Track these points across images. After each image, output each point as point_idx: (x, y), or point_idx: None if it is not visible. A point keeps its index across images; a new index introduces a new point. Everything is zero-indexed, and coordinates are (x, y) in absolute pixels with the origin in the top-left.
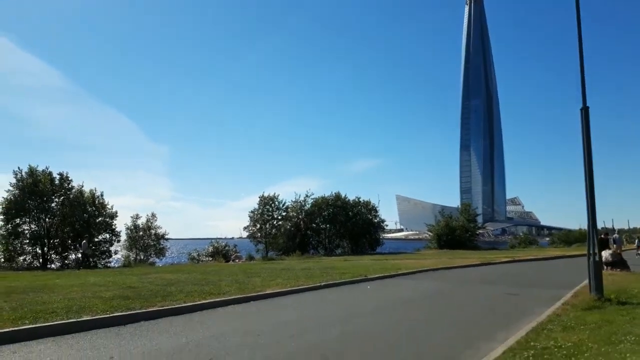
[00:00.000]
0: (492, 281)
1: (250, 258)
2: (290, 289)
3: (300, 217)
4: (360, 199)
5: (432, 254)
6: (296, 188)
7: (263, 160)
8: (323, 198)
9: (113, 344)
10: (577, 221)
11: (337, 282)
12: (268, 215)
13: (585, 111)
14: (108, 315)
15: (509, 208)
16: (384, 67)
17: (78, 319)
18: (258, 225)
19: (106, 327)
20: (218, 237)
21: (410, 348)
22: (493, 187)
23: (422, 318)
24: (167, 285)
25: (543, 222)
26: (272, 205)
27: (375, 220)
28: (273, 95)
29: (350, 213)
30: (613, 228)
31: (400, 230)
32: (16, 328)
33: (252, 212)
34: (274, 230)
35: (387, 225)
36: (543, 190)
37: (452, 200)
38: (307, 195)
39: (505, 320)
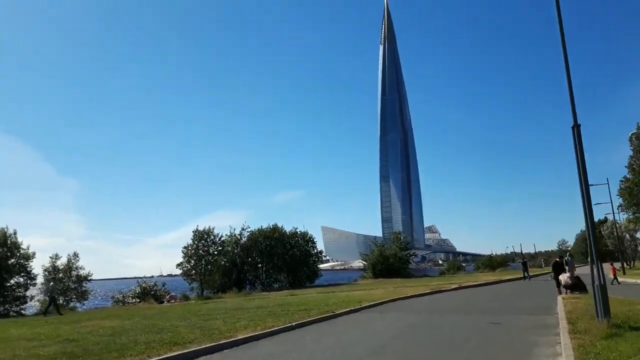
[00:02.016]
0: (462, 310)
1: (186, 298)
2: (262, 331)
3: (236, 251)
4: (298, 230)
5: (373, 283)
6: (217, 222)
7: (180, 194)
8: (260, 230)
9: None
10: (489, 247)
11: (308, 320)
12: (203, 251)
13: (577, 129)
14: None
15: (427, 236)
16: (303, 100)
17: None
18: (192, 262)
19: None
20: (136, 276)
21: None
22: (412, 215)
23: (427, 357)
24: (114, 336)
25: (458, 249)
26: (207, 239)
27: (314, 252)
28: (187, 126)
29: (287, 245)
30: (522, 252)
31: (327, 261)
32: None
33: (185, 247)
34: (209, 267)
35: (325, 257)
36: (457, 218)
37: (374, 229)
38: (243, 229)
39: (521, 354)
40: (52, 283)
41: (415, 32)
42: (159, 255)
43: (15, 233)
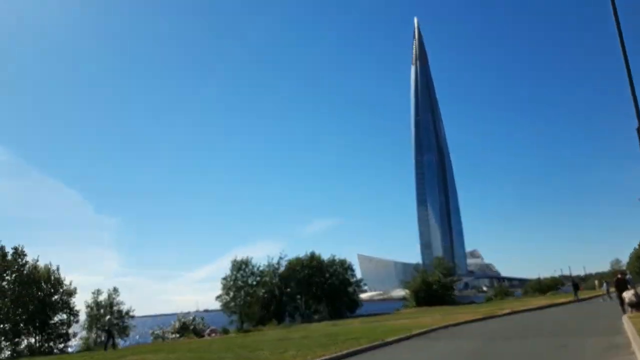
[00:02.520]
0: (521, 334)
1: (225, 331)
2: None
3: (274, 281)
4: (336, 258)
5: (417, 312)
6: (253, 253)
7: (216, 228)
8: (298, 259)
9: None
10: (536, 271)
11: (358, 349)
12: (242, 282)
13: None
14: None
15: (469, 261)
16: (336, 125)
17: None
18: (231, 293)
19: None
20: (174, 312)
21: None
22: (452, 240)
23: None
24: None
25: (503, 274)
26: (246, 270)
27: (353, 280)
28: (223, 160)
29: (327, 274)
30: (571, 275)
31: (364, 291)
32: None
33: (224, 278)
34: (248, 298)
35: (365, 285)
36: (499, 242)
37: (413, 256)
38: (280, 258)
39: None
40: (108, 316)
41: (449, 52)
42: (195, 290)
43: (58, 269)
